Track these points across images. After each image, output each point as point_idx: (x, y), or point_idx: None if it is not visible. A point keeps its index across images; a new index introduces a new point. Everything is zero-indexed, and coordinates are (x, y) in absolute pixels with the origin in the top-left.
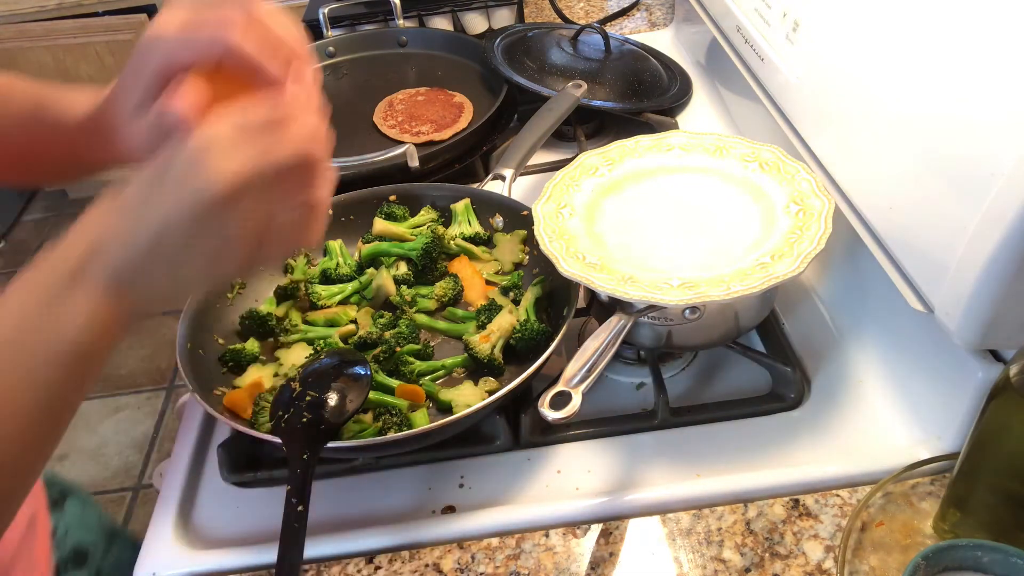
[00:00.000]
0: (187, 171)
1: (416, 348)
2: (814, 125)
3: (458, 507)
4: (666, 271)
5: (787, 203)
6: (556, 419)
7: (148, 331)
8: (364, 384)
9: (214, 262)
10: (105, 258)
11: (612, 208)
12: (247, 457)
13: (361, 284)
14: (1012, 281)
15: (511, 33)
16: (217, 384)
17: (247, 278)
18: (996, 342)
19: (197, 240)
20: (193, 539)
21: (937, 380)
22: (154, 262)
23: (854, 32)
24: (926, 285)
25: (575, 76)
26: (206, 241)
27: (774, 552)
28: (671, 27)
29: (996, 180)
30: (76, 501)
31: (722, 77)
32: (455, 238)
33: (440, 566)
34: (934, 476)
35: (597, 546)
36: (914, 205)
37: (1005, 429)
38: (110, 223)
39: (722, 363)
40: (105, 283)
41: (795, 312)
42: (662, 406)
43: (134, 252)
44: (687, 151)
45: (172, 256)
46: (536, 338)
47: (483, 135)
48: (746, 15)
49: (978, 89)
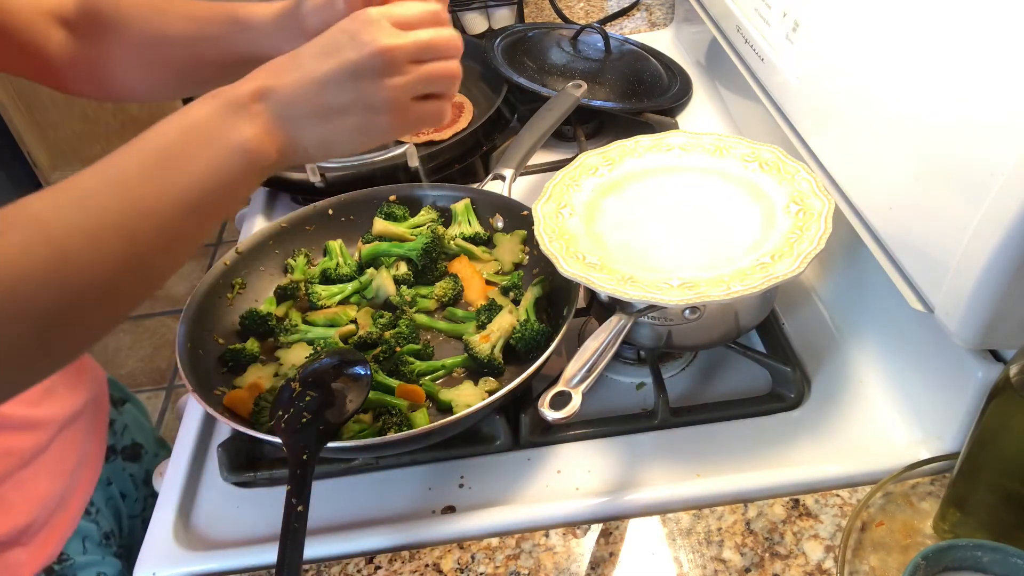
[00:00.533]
0: (348, 40)
1: (416, 348)
2: (814, 125)
3: (458, 507)
4: (666, 271)
5: (787, 203)
6: (556, 419)
7: (148, 331)
8: (364, 384)
9: (360, 128)
10: (275, 96)
11: (612, 208)
12: (247, 457)
13: (361, 284)
14: (1012, 281)
15: (511, 33)
16: (217, 384)
17: (248, 278)
18: (996, 342)
19: (351, 100)
20: (193, 539)
21: (937, 380)
22: (314, 111)
23: (854, 32)
24: (926, 285)
25: (575, 76)
26: (357, 103)
27: (774, 552)
28: (671, 27)
29: (996, 180)
30: (134, 406)
31: (722, 77)
32: (455, 238)
33: (440, 566)
34: (934, 476)
35: (597, 546)
36: (914, 205)
37: (1005, 429)
38: (282, 72)
39: (722, 363)
40: (270, 117)
41: (795, 312)
42: (662, 406)
43: (299, 97)
44: (687, 151)
45: (328, 110)
46: (536, 338)
47: (483, 135)
48: (746, 15)
49: (978, 89)
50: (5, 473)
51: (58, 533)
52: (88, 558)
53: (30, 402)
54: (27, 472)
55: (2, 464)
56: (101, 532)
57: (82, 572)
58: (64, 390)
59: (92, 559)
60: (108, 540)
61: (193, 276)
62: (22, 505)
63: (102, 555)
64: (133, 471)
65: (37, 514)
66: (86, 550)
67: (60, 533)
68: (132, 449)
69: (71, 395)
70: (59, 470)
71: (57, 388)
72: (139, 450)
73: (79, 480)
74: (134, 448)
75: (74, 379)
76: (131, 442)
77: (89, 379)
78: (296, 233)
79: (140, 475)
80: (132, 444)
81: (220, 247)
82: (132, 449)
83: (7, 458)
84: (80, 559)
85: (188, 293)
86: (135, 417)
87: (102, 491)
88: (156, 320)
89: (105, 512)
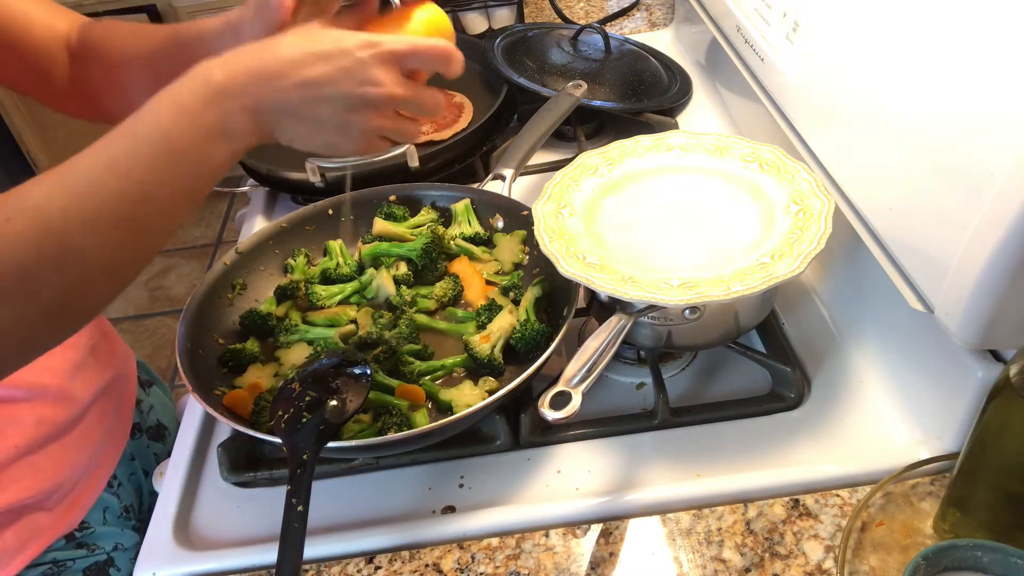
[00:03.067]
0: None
1: (416, 348)
2: (814, 125)
3: (458, 507)
4: (666, 271)
5: (787, 203)
6: (556, 419)
7: (148, 331)
8: (364, 384)
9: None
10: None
11: (612, 208)
12: (247, 457)
13: (361, 284)
14: (1012, 281)
15: (511, 33)
16: (217, 384)
17: (248, 278)
18: (996, 342)
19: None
20: (193, 539)
21: (937, 380)
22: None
23: (854, 32)
24: (926, 285)
25: (575, 76)
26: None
27: (774, 552)
28: (671, 27)
29: (996, 180)
30: (160, 389)
31: (722, 77)
32: (455, 238)
33: (440, 566)
34: (934, 476)
35: (597, 546)
36: (914, 205)
37: (1005, 429)
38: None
39: (722, 363)
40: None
41: (795, 312)
42: (662, 406)
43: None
44: (687, 151)
45: (310, 115)
46: (536, 338)
47: (483, 135)
48: (746, 15)
49: (978, 89)
50: (38, 441)
51: (81, 502)
52: (108, 529)
53: (64, 375)
54: (57, 442)
55: (36, 432)
56: (122, 505)
57: (101, 541)
58: (94, 365)
59: (111, 530)
60: (128, 513)
61: (193, 276)
62: (49, 472)
63: (121, 527)
64: (157, 450)
65: (62, 482)
66: (106, 521)
67: (82, 502)
68: (157, 429)
69: (100, 370)
70: (86, 442)
71: (87, 363)
72: (163, 431)
73: (104, 453)
74: (159, 428)
75: (105, 355)
76: (156, 422)
77: (118, 356)
78: (296, 233)
79: (163, 454)
80: (157, 424)
81: (220, 247)
82: (157, 429)
83: (40, 426)
84: (100, 529)
85: (188, 293)
86: (161, 399)
87: (125, 466)
88: (156, 320)
89: (127, 486)
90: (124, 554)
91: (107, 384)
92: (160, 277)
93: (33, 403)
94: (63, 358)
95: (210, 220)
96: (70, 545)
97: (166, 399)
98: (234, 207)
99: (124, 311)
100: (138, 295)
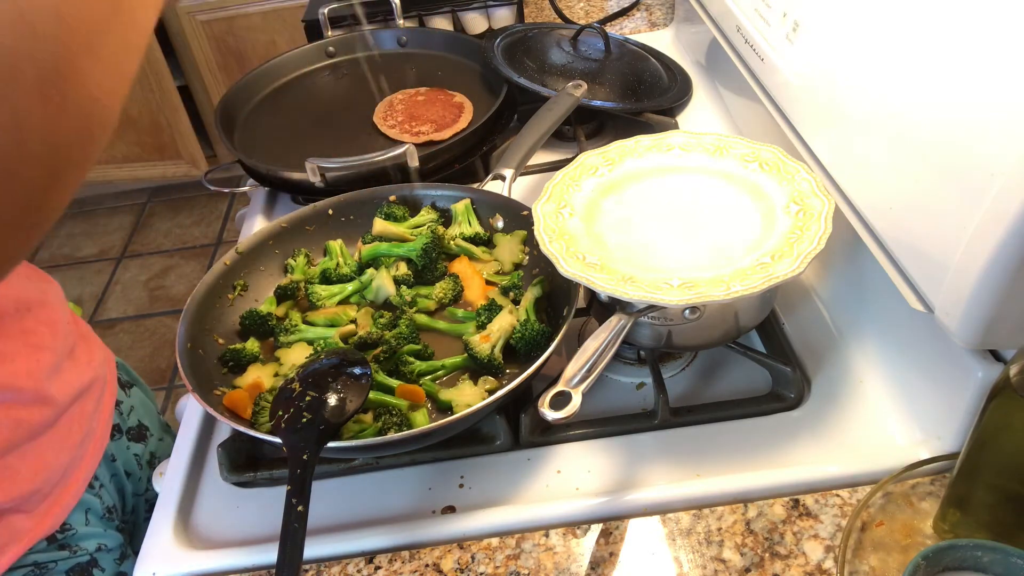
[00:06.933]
0: None
1: (416, 348)
2: (814, 125)
3: (458, 507)
4: (666, 271)
5: (787, 203)
6: (556, 419)
7: (148, 331)
8: (364, 384)
9: None
10: None
11: (612, 208)
12: (247, 457)
13: (361, 284)
14: (1012, 281)
15: (511, 33)
16: (217, 384)
17: (248, 278)
18: (996, 342)
19: None
20: (193, 539)
21: (937, 380)
22: None
23: (854, 32)
24: (926, 285)
25: (575, 76)
26: None
27: (774, 552)
28: (671, 27)
29: (996, 180)
30: (140, 390)
31: (722, 77)
32: (455, 238)
33: (440, 566)
34: (934, 476)
35: (597, 546)
36: (914, 205)
37: (1005, 429)
38: None
39: (722, 363)
40: None
41: (795, 312)
42: (662, 406)
43: None
44: (687, 151)
45: None
46: (536, 338)
47: (483, 135)
48: (746, 15)
49: (978, 89)
50: (13, 443)
51: (61, 504)
52: (90, 530)
53: (40, 377)
54: (34, 444)
55: (12, 434)
56: (104, 506)
57: (84, 542)
58: (72, 367)
59: (94, 531)
60: (111, 514)
61: (193, 276)
62: (27, 474)
63: (104, 528)
64: (137, 451)
65: (41, 484)
66: (88, 522)
67: (63, 504)
68: (138, 430)
69: (79, 373)
70: (65, 444)
71: (64, 366)
72: (144, 431)
73: (84, 454)
74: (140, 429)
75: (83, 357)
76: (137, 423)
77: (97, 359)
78: (296, 233)
79: (144, 456)
80: (138, 425)
81: (220, 247)
82: (138, 430)
83: (17, 429)
84: (82, 530)
85: (188, 293)
86: (142, 400)
87: (106, 467)
88: (156, 320)
89: (109, 487)
90: (108, 555)
91: (85, 386)
92: (160, 277)
93: (9, 406)
94: (39, 361)
95: (210, 220)
96: (52, 547)
97: (147, 400)
98: (234, 207)
99: (124, 311)
100: (138, 295)
